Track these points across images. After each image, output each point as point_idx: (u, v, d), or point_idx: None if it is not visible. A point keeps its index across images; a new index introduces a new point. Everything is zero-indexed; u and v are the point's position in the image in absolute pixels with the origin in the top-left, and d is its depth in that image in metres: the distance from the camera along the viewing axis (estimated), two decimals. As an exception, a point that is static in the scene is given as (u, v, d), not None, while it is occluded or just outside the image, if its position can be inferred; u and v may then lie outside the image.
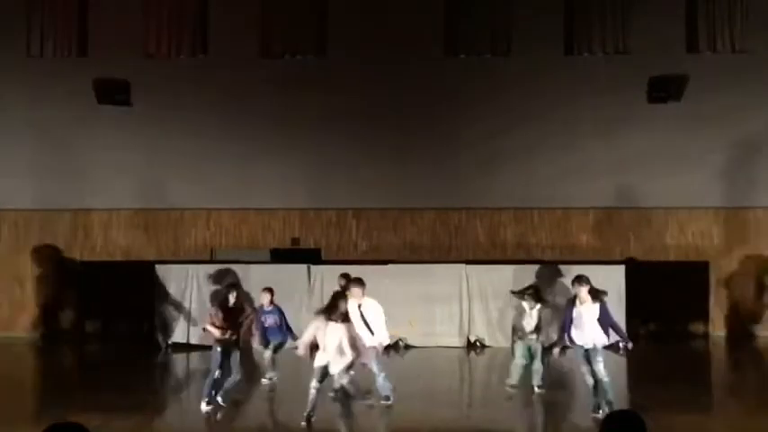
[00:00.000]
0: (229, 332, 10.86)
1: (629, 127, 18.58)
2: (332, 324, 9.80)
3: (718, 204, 18.62)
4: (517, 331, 11.78)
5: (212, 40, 19.02)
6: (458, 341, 16.75)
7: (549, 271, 16.29)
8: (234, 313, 11.18)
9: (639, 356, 16.04)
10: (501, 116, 18.86)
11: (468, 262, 17.04)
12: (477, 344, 16.67)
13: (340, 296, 10.22)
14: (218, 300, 11.89)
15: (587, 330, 10.48)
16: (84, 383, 14.39)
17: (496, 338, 16.49)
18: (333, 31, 19.00)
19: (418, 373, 14.85)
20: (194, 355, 15.95)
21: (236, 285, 12.11)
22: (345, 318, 9.90)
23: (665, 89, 17.69)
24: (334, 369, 9.97)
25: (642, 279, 17.02)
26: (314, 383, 9.81)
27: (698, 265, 18.31)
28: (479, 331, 16.75)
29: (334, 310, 9.87)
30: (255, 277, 16.01)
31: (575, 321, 10.54)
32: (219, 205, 18.90)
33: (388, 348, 12.64)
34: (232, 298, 11.21)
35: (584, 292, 10.51)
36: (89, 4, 18.99)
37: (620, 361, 16.11)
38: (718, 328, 18.34)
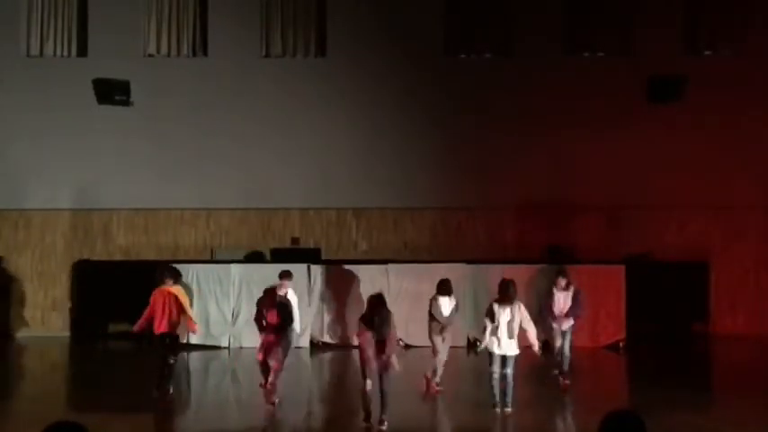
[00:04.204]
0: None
1: (629, 127, 18.59)
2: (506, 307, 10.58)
3: (718, 204, 18.62)
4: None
5: (212, 40, 19.06)
6: (457, 341, 16.72)
7: (550, 270, 16.27)
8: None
9: (639, 356, 16.07)
10: (501, 116, 18.87)
11: (468, 262, 17.03)
12: (477, 343, 16.64)
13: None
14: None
15: (562, 313, 12.63)
16: (84, 383, 14.39)
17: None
18: (333, 31, 19.04)
19: (418, 373, 14.84)
20: (194, 355, 15.95)
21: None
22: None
23: (664, 89, 17.69)
24: (511, 351, 10.61)
25: (642, 279, 17.01)
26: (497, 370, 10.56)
27: (698, 265, 18.31)
28: (478, 331, 16.73)
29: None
30: (256, 277, 16.02)
31: (555, 305, 12.66)
32: (219, 205, 18.90)
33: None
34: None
35: (563, 281, 12.74)
36: (89, 4, 19.02)
37: (621, 361, 16.14)
38: (718, 328, 18.33)
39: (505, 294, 10.65)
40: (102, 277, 18.02)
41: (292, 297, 12.42)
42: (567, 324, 12.74)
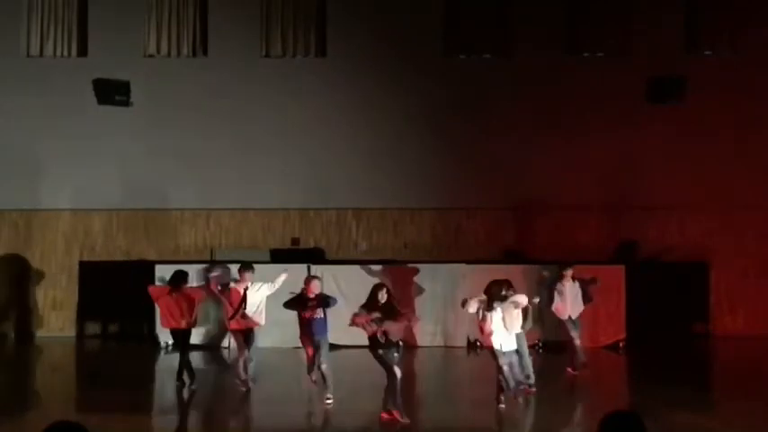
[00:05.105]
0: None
1: (629, 127, 18.58)
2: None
3: (718, 204, 18.61)
4: None
5: (212, 40, 19.03)
6: (457, 341, 16.75)
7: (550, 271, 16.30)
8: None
9: (639, 356, 16.07)
10: (501, 116, 18.87)
11: (468, 262, 17.03)
12: (477, 343, 16.65)
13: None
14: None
15: (569, 304, 13.29)
16: (83, 383, 14.39)
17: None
18: (333, 31, 19.02)
19: (418, 372, 14.86)
20: (194, 355, 15.92)
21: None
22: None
23: (664, 90, 17.68)
24: (509, 346, 10.88)
25: (642, 279, 17.01)
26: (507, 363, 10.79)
27: (698, 265, 18.31)
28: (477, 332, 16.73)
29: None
30: (256, 277, 16.00)
31: (563, 301, 13.28)
32: (219, 205, 18.90)
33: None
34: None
35: (569, 273, 13.45)
36: (89, 4, 19.01)
37: (621, 361, 16.14)
38: (718, 328, 18.33)
39: (490, 296, 10.92)
40: (102, 277, 18.06)
41: (257, 291, 12.39)
42: (576, 313, 13.33)
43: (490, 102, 18.90)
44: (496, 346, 10.86)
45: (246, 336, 12.39)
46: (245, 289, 12.37)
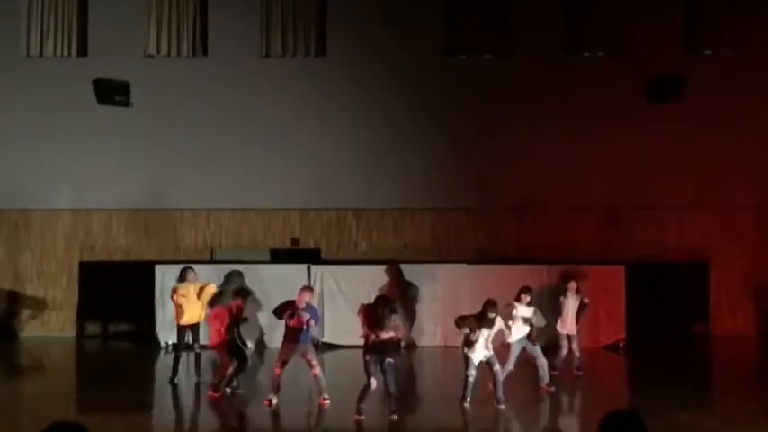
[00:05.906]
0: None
1: (629, 127, 18.58)
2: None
3: (718, 204, 18.61)
4: None
5: (212, 40, 19.06)
6: (457, 341, 16.73)
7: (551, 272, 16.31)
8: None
9: (639, 356, 16.07)
10: (501, 116, 18.88)
11: (468, 262, 17.04)
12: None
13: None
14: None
15: (569, 319, 13.37)
16: (83, 383, 14.39)
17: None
18: (333, 31, 19.04)
19: (419, 372, 14.86)
20: (193, 355, 15.93)
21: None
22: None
23: (664, 89, 17.67)
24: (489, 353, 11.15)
25: (642, 279, 17.01)
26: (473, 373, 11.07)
27: (698, 265, 18.31)
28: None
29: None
30: (256, 277, 16.03)
31: (562, 311, 13.35)
32: (219, 205, 18.90)
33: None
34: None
35: (573, 286, 13.47)
36: (89, 4, 19.02)
37: (621, 361, 16.14)
38: (718, 328, 18.33)
39: (485, 319, 11.12)
40: (102, 277, 18.07)
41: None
42: (573, 329, 13.42)
43: (490, 102, 18.91)
44: (472, 357, 11.10)
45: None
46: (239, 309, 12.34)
